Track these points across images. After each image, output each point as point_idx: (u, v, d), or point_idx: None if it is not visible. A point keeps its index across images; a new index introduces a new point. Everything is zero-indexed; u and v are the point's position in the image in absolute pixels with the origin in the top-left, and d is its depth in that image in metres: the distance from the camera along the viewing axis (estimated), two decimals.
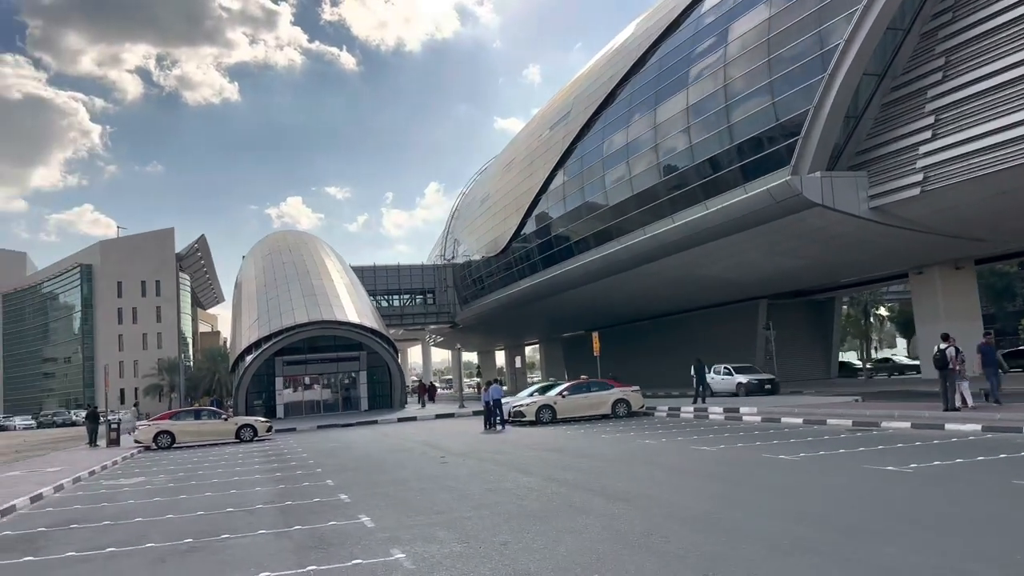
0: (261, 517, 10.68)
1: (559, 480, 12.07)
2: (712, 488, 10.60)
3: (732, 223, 32.78)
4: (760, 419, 21.13)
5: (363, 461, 17.72)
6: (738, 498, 9.62)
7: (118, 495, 14.53)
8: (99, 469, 20.15)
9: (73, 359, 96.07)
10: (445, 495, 11.37)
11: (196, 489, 14.47)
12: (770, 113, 30.68)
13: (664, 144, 37.28)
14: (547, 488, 11.29)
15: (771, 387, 33.68)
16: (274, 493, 13.15)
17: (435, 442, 21.99)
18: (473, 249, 66.26)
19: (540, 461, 14.94)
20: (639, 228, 39.74)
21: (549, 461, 14.89)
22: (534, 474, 13.04)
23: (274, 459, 20.16)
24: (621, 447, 16.87)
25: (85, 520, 11.56)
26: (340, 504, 11.27)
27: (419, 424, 32.55)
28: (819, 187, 28.77)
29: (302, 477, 15.26)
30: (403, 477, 13.99)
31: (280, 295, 46.63)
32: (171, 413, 30.02)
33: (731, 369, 35.54)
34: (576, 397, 26.43)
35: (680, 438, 17.80)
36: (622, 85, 42.04)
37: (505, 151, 66.94)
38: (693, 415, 24.47)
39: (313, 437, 28.70)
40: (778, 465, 12.39)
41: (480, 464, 15.13)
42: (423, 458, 17.41)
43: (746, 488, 10.43)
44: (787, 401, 25.63)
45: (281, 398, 43.87)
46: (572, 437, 20.26)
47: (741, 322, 47.20)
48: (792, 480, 10.81)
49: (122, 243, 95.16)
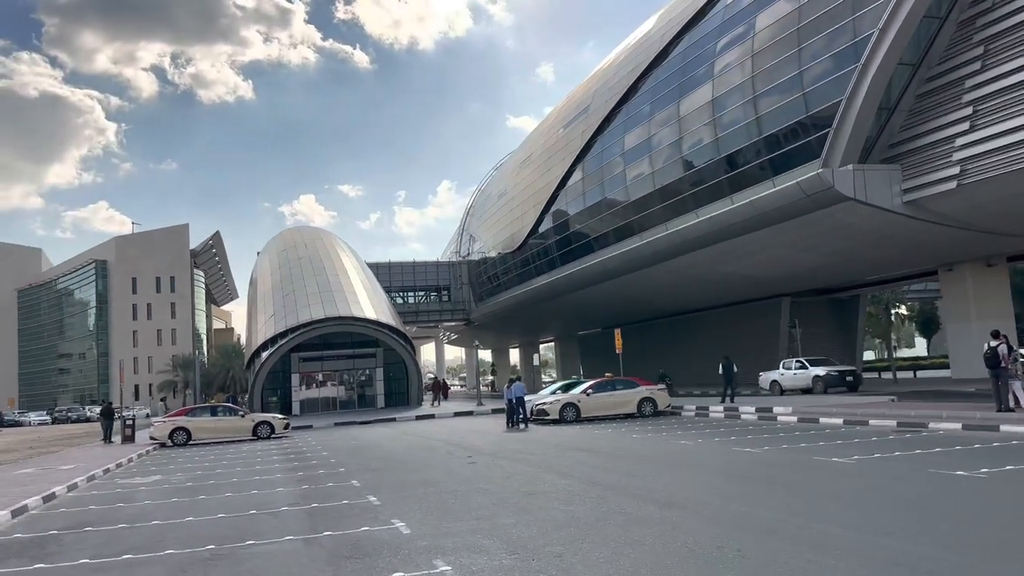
0: (287, 521, 10.01)
1: (601, 483, 11.34)
2: (773, 495, 9.81)
3: (759, 218, 31.95)
4: (796, 419, 20.29)
5: (387, 460, 17.05)
6: (807, 507, 8.83)
7: (134, 495, 13.93)
8: (114, 467, 19.58)
9: (88, 355, 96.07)
10: (481, 498, 10.66)
11: (215, 489, 13.84)
12: (800, 104, 29.84)
13: (688, 137, 36.47)
14: (590, 492, 10.57)
15: (853, 379, 31.11)
16: (298, 494, 12.49)
17: (459, 440, 21.32)
18: (489, 246, 65.59)
19: (575, 462, 14.22)
20: (661, 224, 38.96)
21: (585, 463, 14.17)
22: (572, 476, 12.31)
23: (294, 457, 19.53)
24: (657, 448, 16.13)
25: (100, 522, 10.93)
26: (370, 507, 10.58)
27: (438, 422, 31.90)
28: (851, 180, 27.93)
29: (325, 477, 14.60)
30: (433, 478, 13.29)
31: (296, 291, 46.10)
32: (187, 409, 29.49)
33: (805, 362, 32.32)
34: (601, 395, 25.69)
35: (717, 439, 17.02)
36: (644, 78, 41.23)
37: (522, 147, 66.22)
38: (724, 415, 23.65)
39: (331, 435, 28.10)
40: (835, 469, 11.62)
41: (512, 464, 14.43)
42: (449, 457, 16.73)
43: (810, 495, 9.63)
44: (820, 401, 24.79)
45: (297, 395, 43.32)
46: (601, 437, 19.53)
47: (762, 320, 46.29)
48: (859, 486, 10.02)
49: (137, 239, 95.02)
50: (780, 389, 32.40)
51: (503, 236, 61.05)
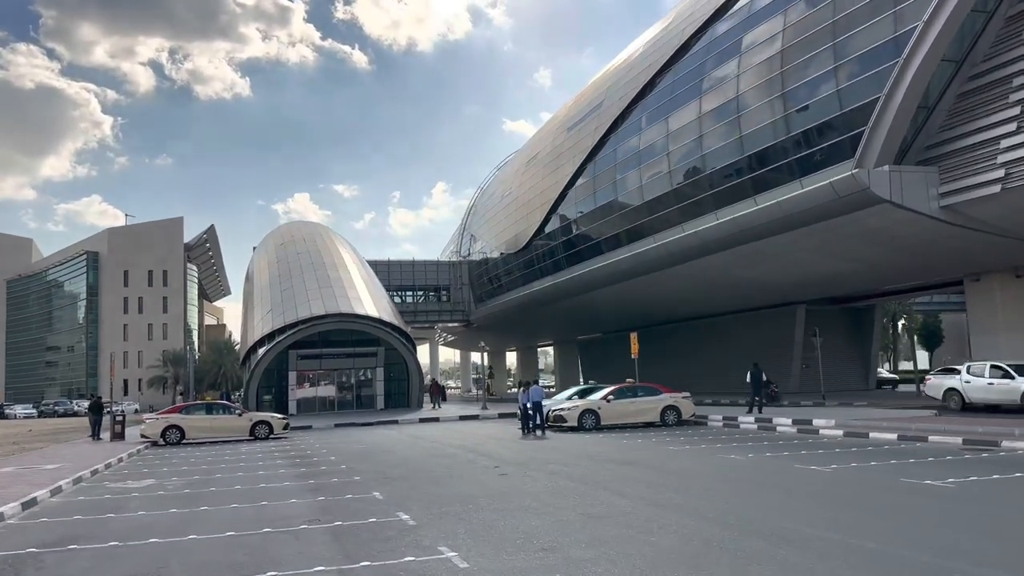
0: (310, 543, 8.46)
1: (669, 506, 9.80)
2: (895, 525, 8.20)
3: (784, 220, 30.55)
4: (842, 433, 18.74)
5: (405, 468, 15.48)
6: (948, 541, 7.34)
7: (126, 503, 12.34)
8: (103, 467, 17.97)
9: (76, 348, 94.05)
10: (535, 520, 9.11)
11: (218, 498, 12.27)
12: (833, 102, 28.43)
13: (709, 135, 35.03)
14: (664, 518, 9.01)
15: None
16: (315, 507, 10.92)
17: (475, 447, 19.76)
18: (491, 246, 64.03)
19: (622, 478, 12.69)
20: (677, 225, 37.50)
21: (634, 478, 12.64)
22: (629, 495, 10.78)
23: (299, 462, 17.95)
24: (705, 463, 14.59)
25: (87, 538, 9.35)
26: (405, 528, 9.03)
27: (445, 426, 30.32)
28: (887, 182, 26.55)
29: (341, 487, 13.02)
30: (466, 492, 11.74)
31: (295, 286, 44.45)
32: (181, 407, 27.85)
33: (1010, 369, 23.35)
34: (622, 402, 24.19)
35: (768, 454, 15.49)
36: (663, 74, 39.79)
37: (527, 146, 64.74)
38: (756, 426, 22.09)
39: (333, 437, 26.51)
40: (933, 493, 10.15)
41: (550, 479, 12.88)
42: (473, 467, 15.19)
43: (933, 524, 8.12)
44: (856, 414, 23.28)
45: (294, 394, 41.63)
46: (633, 448, 18.01)
47: (776, 328, 44.95)
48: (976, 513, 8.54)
49: (130, 231, 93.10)
50: (962, 401, 24.62)
51: (507, 236, 59.52)
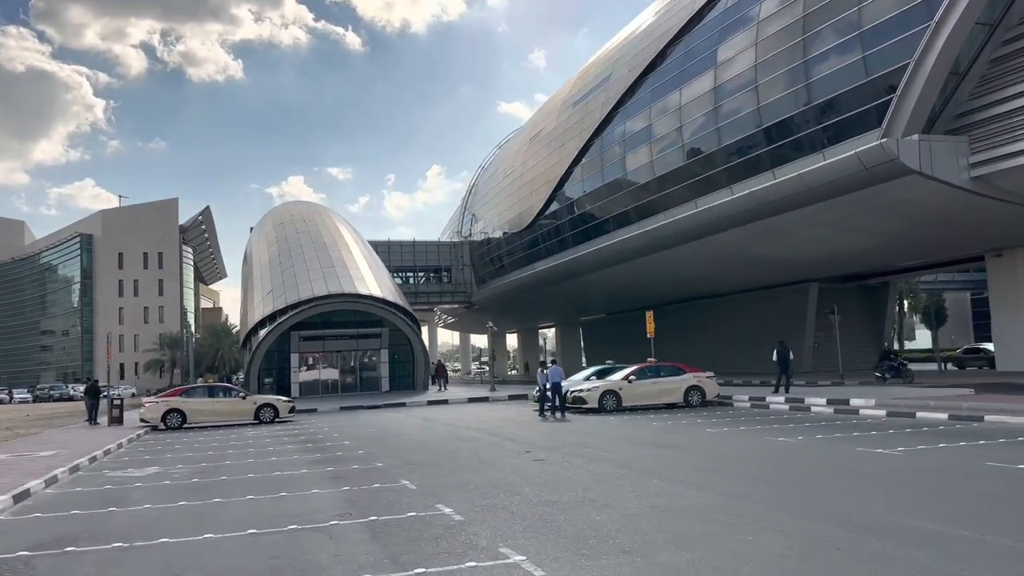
0: (347, 543, 7.35)
1: (743, 496, 8.66)
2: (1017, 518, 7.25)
3: (806, 194, 29.45)
4: (885, 414, 17.70)
5: (428, 453, 14.41)
6: None
7: (129, 495, 11.25)
8: (101, 454, 16.90)
9: (71, 332, 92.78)
10: (598, 515, 8.00)
11: (231, 488, 11.18)
12: (858, 69, 27.28)
13: (725, 106, 33.82)
14: (745, 511, 7.84)
15: None
16: (342, 499, 9.82)
17: (494, 430, 18.71)
18: (494, 225, 62.81)
19: (669, 464, 11.63)
20: (690, 201, 36.37)
21: (682, 464, 11.59)
22: (689, 483, 9.70)
23: (311, 447, 16.89)
24: (754, 446, 13.50)
25: (87, 538, 8.25)
26: (451, 524, 7.92)
27: (456, 408, 29.29)
28: (916, 152, 25.46)
29: (364, 474, 11.94)
30: (504, 480, 10.64)
31: (296, 266, 43.25)
32: (182, 389, 26.75)
33: None
34: (644, 383, 23.16)
35: (819, 436, 14.42)
36: (674, 43, 38.50)
37: (531, 122, 63.33)
38: (788, 407, 21.04)
39: (341, 420, 25.46)
40: None
41: (593, 465, 11.80)
42: (500, 451, 14.12)
43: None
44: (891, 393, 22.24)
45: (296, 376, 40.54)
46: (666, 430, 16.96)
47: (789, 306, 43.94)
48: None
49: (124, 213, 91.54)
50: None
51: (510, 215, 58.29)
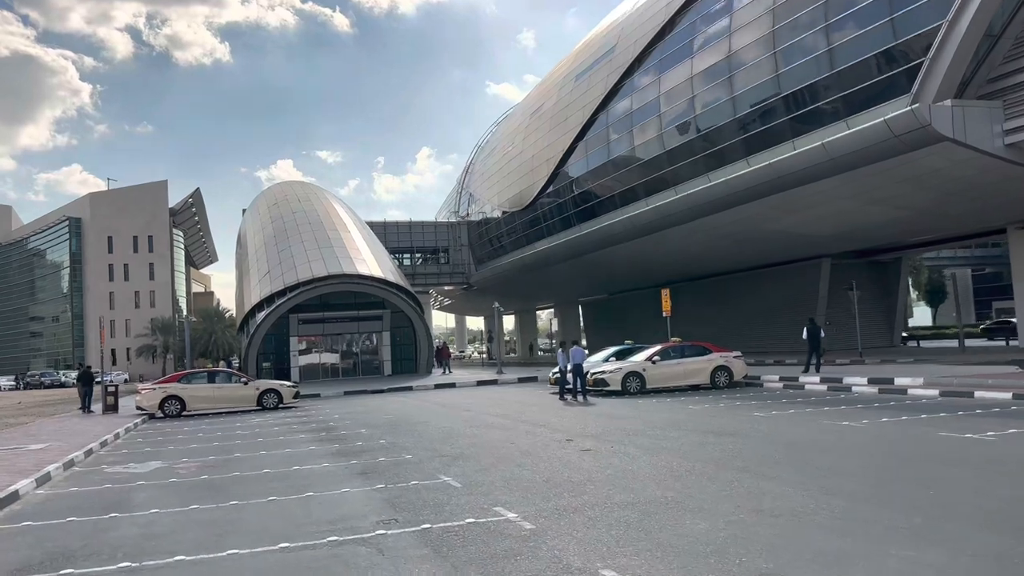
0: (406, 561, 6.07)
1: (857, 496, 7.32)
2: None
3: (829, 164, 28.22)
4: (938, 393, 16.53)
5: (457, 443, 13.12)
6: None
7: (132, 496, 9.96)
8: (97, 446, 15.62)
9: (62, 318, 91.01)
10: (699, 523, 6.69)
11: (247, 487, 9.91)
12: (886, 31, 25.96)
13: (740, 75, 32.46)
14: (880, 516, 6.54)
15: None
16: (379, 500, 8.51)
17: (519, 415, 17.48)
18: (494, 204, 61.35)
19: (742, 454, 10.27)
20: (702, 175, 35.09)
21: (752, 454, 10.30)
22: (777, 479, 8.45)
23: (325, 435, 15.62)
24: (821, 432, 12.07)
25: (86, 556, 6.94)
26: (524, 534, 6.62)
27: (466, 392, 28.07)
28: (949, 118, 24.27)
29: (395, 469, 10.66)
30: (560, 475, 9.32)
31: (293, 246, 41.81)
32: (180, 374, 25.42)
33: None
34: (669, 363, 21.97)
35: (885, 419, 13.18)
36: (683, 11, 37.05)
37: (530, 98, 61.74)
38: (825, 387, 19.83)
39: (348, 405, 24.22)
40: None
41: (653, 457, 10.49)
42: (537, 440, 12.87)
43: None
44: (934, 371, 21.02)
45: (296, 360, 39.23)
46: (710, 414, 15.73)
47: (799, 283, 42.79)
48: None
49: (113, 196, 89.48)
50: None
51: (509, 194, 56.85)
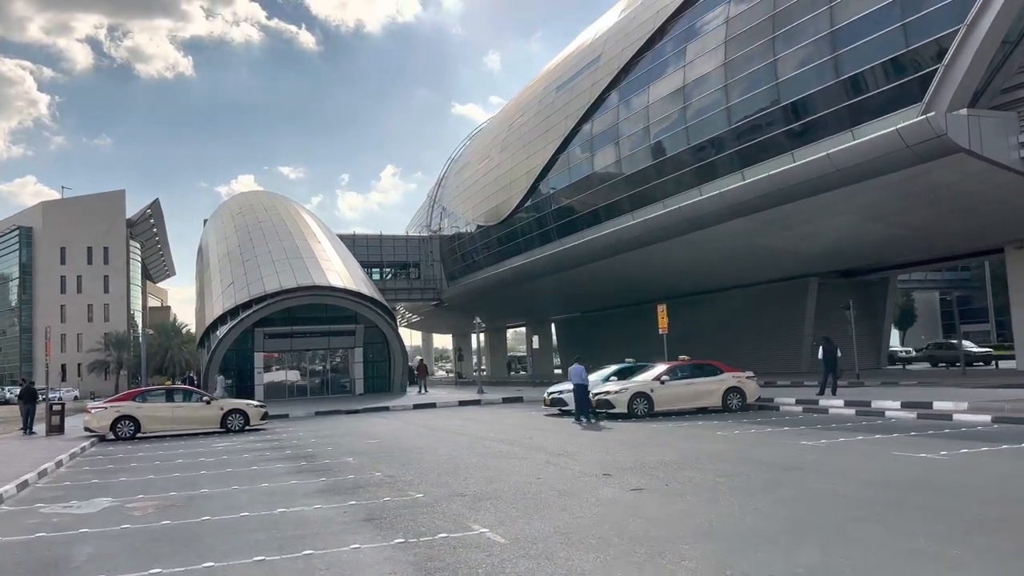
0: None
1: None
2: None
3: (832, 176, 26.91)
4: (990, 419, 14.91)
5: (469, 477, 11.00)
6: None
7: (72, 552, 7.73)
8: (35, 477, 13.29)
9: (9, 332, 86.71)
10: None
11: (224, 540, 7.80)
12: (897, 37, 24.77)
13: (736, 84, 31.17)
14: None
15: None
16: (405, 565, 6.37)
17: (526, 441, 15.47)
18: (468, 218, 59.49)
19: (830, 499, 8.27)
20: (693, 188, 33.68)
21: (850, 499, 8.37)
22: (939, 538, 6.72)
23: (306, 465, 13.46)
24: (903, 466, 10.12)
25: None
26: None
27: (449, 413, 25.97)
28: (965, 128, 23.08)
29: (407, 513, 8.55)
30: (628, 529, 7.40)
31: (259, 256, 39.38)
32: (135, 392, 22.96)
33: None
34: (678, 383, 20.19)
35: (964, 449, 11.47)
36: (675, 19, 35.77)
37: (507, 110, 60.20)
38: (853, 411, 18.11)
39: (322, 427, 21.99)
40: None
41: (729, 500, 8.63)
42: (567, 473, 10.89)
43: None
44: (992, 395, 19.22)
45: (260, 378, 36.72)
46: (743, 441, 13.92)
47: (786, 303, 41.50)
48: None
49: (67, 205, 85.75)
50: None
51: (484, 208, 55.08)
